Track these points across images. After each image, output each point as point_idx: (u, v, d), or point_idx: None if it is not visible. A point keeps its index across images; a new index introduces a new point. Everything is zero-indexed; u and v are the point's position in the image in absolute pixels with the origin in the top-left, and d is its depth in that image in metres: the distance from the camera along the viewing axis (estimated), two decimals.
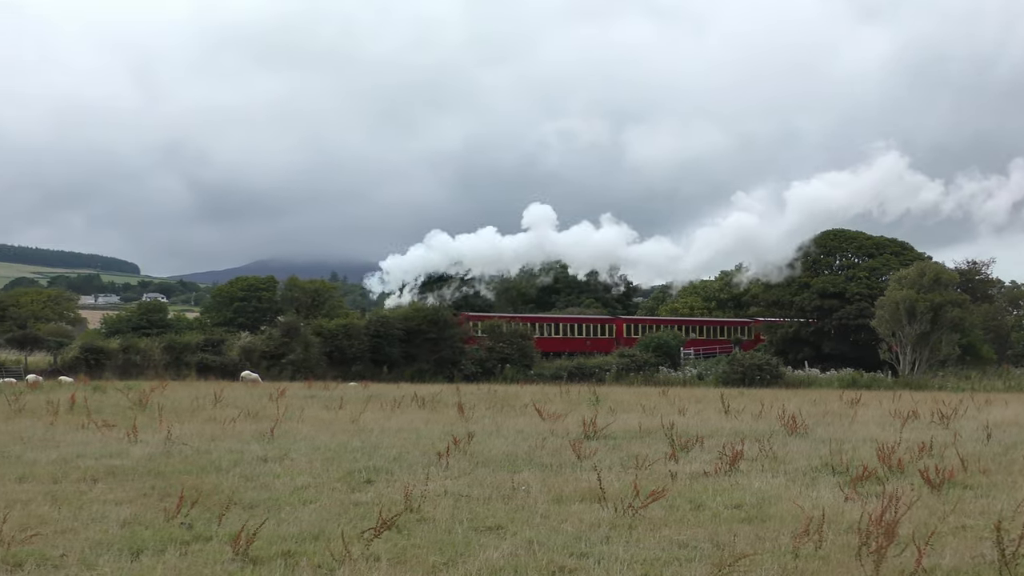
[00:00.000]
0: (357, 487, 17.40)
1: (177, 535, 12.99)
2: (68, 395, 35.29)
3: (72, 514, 14.39)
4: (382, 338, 79.66)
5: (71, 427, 26.56)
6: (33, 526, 13.22)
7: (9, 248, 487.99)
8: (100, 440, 23.53)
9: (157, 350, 72.56)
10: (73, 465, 19.27)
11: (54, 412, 30.24)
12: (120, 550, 12.22)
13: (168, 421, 27.43)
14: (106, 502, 15.43)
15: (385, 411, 33.93)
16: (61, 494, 16.06)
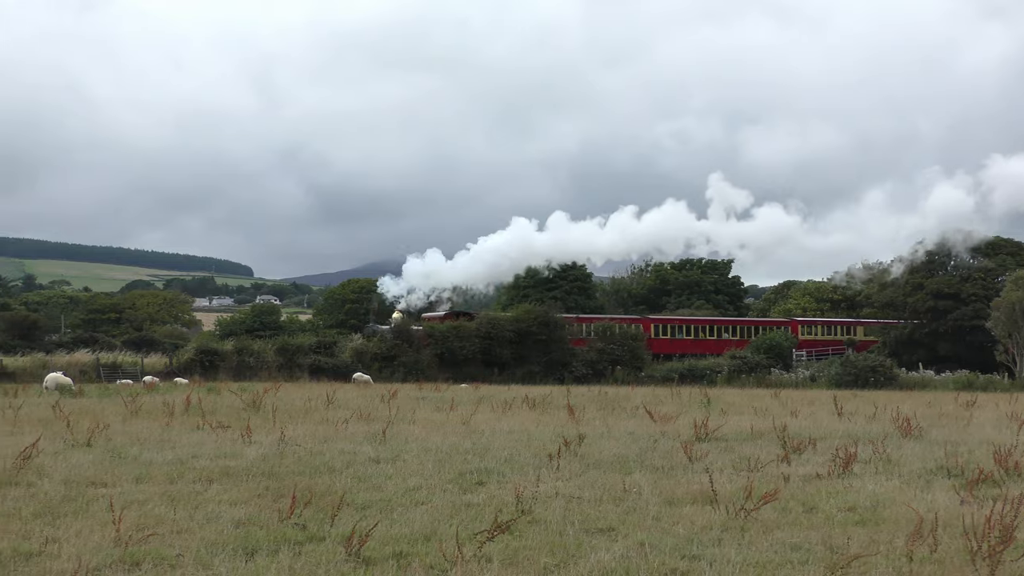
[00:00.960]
0: (469, 488, 17.45)
1: (291, 535, 13.11)
2: (183, 396, 35.77)
3: (188, 514, 14.58)
4: (493, 340, 79.73)
5: (187, 428, 26.92)
6: (150, 526, 13.42)
7: (126, 251, 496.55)
8: (215, 441, 23.82)
9: (270, 352, 73.26)
10: (189, 466, 19.53)
11: (170, 413, 30.66)
12: (235, 550, 12.36)
13: (281, 422, 27.72)
14: (221, 502, 15.61)
15: (496, 413, 33.99)
16: (177, 494, 16.28)
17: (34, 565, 11.62)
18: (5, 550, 12.18)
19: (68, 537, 12.87)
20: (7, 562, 11.73)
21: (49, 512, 14.65)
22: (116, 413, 31.03)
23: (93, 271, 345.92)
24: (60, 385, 45.97)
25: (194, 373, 66.55)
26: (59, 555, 11.98)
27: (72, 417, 27.20)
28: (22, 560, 11.81)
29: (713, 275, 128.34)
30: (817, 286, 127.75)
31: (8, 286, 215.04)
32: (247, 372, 69.60)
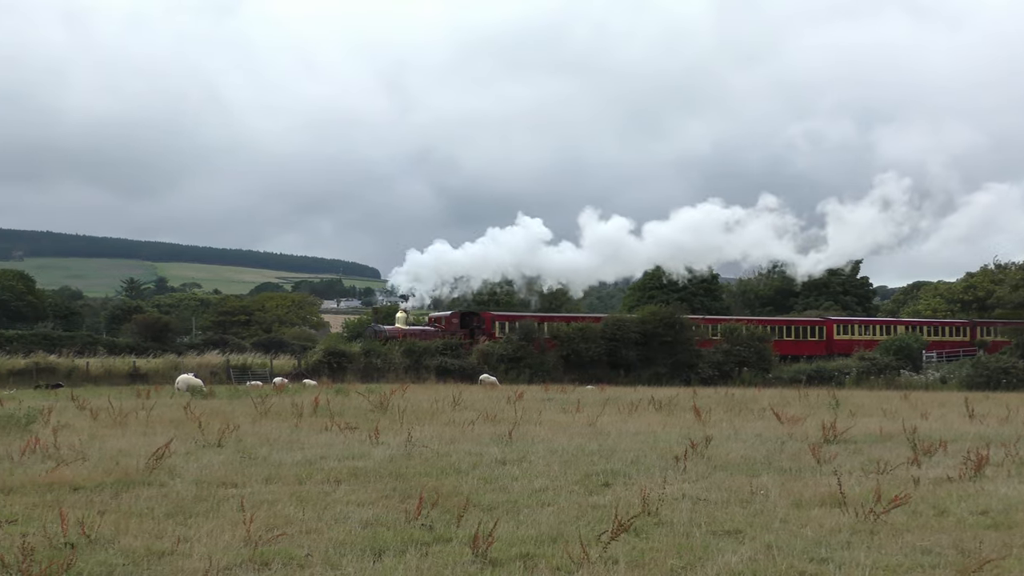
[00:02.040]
0: (594, 490, 17.41)
1: (418, 536, 13.18)
2: (312, 398, 36.10)
3: (316, 515, 14.71)
4: (618, 341, 79.49)
5: (315, 429, 27.17)
6: (279, 526, 13.57)
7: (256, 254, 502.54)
8: (343, 442, 24.02)
9: (397, 354, 73.77)
10: (317, 467, 19.71)
11: (299, 414, 30.98)
12: (363, 550, 12.45)
13: (408, 424, 27.89)
14: (349, 503, 15.74)
15: (622, 414, 33.89)
16: (306, 495, 16.44)
17: (166, 564, 11.80)
18: (139, 549, 12.38)
19: (199, 536, 13.06)
20: (140, 561, 11.93)
21: (181, 512, 14.87)
22: (246, 414, 31.42)
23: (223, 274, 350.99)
24: (191, 386, 46.65)
25: (322, 374, 67.23)
26: (191, 554, 12.16)
27: (203, 418, 27.59)
28: (155, 559, 12.01)
29: (840, 275, 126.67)
30: (948, 287, 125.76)
31: (141, 289, 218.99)
32: (374, 374, 70.12)
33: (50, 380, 61.16)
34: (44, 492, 16.48)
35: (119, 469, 18.86)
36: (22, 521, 13.99)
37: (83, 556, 11.88)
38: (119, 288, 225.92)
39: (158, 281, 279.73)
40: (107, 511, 14.69)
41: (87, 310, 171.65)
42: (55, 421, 28.16)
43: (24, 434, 24.52)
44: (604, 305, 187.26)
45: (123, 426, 27.69)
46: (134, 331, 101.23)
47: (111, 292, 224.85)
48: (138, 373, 65.98)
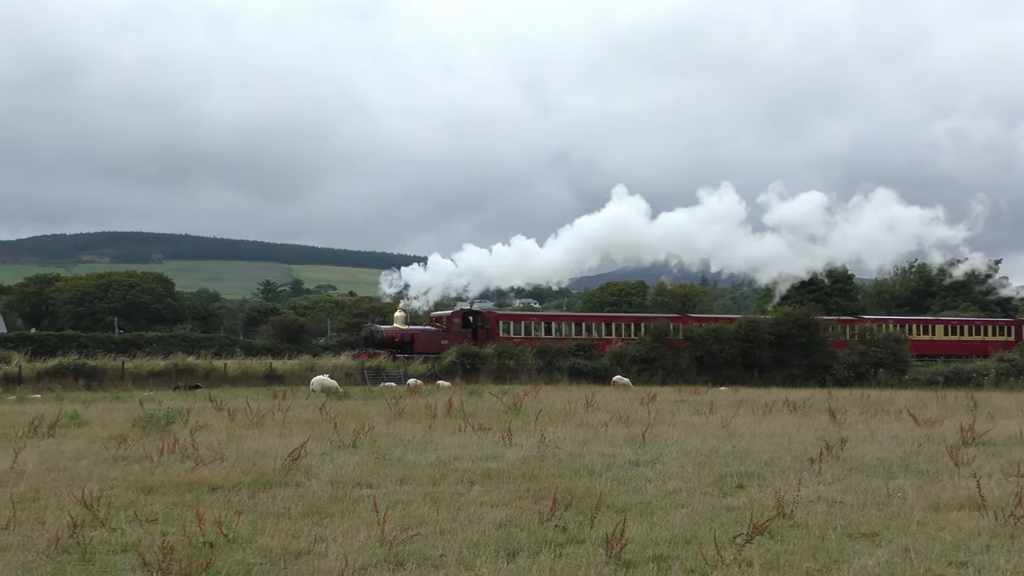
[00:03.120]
0: (728, 492, 17.29)
1: (551, 537, 13.19)
2: (446, 399, 36.28)
3: (450, 515, 14.79)
4: (752, 342, 78.91)
5: (448, 430, 27.31)
6: (414, 526, 13.66)
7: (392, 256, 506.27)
8: (476, 443, 24.10)
9: (530, 355, 73.91)
10: (451, 467, 19.81)
11: (432, 416, 31.15)
12: (496, 551, 12.50)
13: (541, 425, 27.91)
14: (482, 504, 15.80)
15: (756, 416, 33.60)
16: (440, 495, 16.53)
17: (303, 563, 11.94)
18: (276, 548, 12.55)
19: (335, 536, 13.19)
20: (277, 560, 12.09)
21: (317, 512, 15.04)
22: (380, 415, 31.65)
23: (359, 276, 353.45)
24: (326, 387, 47.12)
25: (456, 376, 67.54)
26: (326, 554, 12.29)
27: (338, 419, 27.90)
28: (291, 558, 12.16)
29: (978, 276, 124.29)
30: None
31: (277, 291, 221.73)
32: (507, 375, 70.30)
33: (189, 381, 62.23)
34: (183, 492, 16.77)
35: (256, 469, 19.12)
36: (162, 520, 14.26)
37: (221, 555, 12.07)
38: (255, 290, 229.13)
39: (294, 283, 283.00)
40: (244, 511, 14.90)
41: (224, 312, 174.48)
42: (194, 422, 28.62)
43: (164, 435, 24.97)
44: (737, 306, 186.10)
45: (260, 427, 28.07)
46: (270, 333, 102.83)
47: (247, 294, 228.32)
48: (274, 374, 66.81)
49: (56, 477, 18.41)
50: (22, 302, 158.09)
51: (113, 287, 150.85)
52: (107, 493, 16.26)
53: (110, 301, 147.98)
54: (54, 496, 16.31)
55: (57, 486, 17.31)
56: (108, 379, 62.24)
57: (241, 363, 69.18)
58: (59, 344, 75.32)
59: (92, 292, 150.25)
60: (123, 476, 18.59)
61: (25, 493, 16.62)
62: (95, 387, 59.79)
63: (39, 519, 14.34)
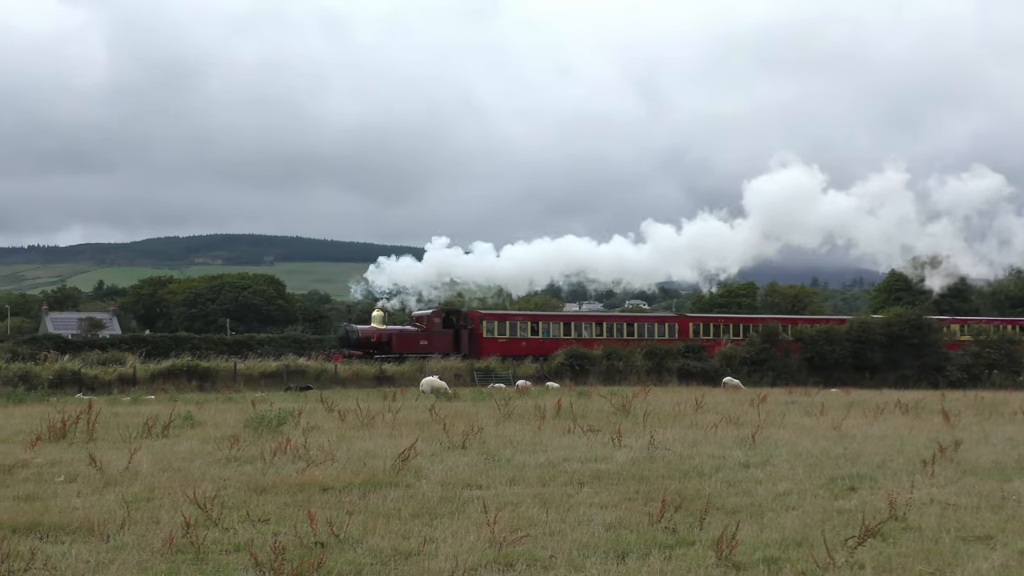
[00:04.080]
0: (840, 494, 17.13)
1: (661, 539, 13.15)
2: (554, 400, 36.26)
3: (559, 516, 14.79)
4: (863, 343, 78.12)
5: (557, 431, 27.30)
6: (523, 528, 13.68)
7: None
8: (585, 444, 24.07)
9: (639, 356, 73.77)
10: (560, 469, 19.79)
11: (541, 417, 31.13)
12: (606, 552, 12.48)
13: (650, 426, 27.82)
14: (592, 505, 15.78)
15: (867, 417, 33.22)
16: (549, 497, 16.53)
17: (413, 564, 12.00)
18: (386, 549, 12.62)
19: (445, 537, 13.24)
20: (388, 560, 12.16)
21: (427, 512, 15.11)
22: (490, 416, 31.70)
23: None
24: (436, 389, 47.34)
25: (565, 377, 67.54)
26: (436, 554, 12.34)
27: (448, 420, 28.00)
28: (402, 559, 12.22)
29: None
30: None
31: None
32: (616, 376, 70.14)
33: (300, 382, 62.76)
34: (295, 492, 16.92)
35: (367, 470, 19.25)
36: (274, 520, 14.41)
37: (333, 555, 12.17)
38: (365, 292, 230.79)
39: None
40: (355, 511, 15.01)
41: (335, 314, 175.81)
42: (305, 423, 28.85)
43: (276, 435, 25.20)
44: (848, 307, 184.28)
45: (370, 428, 28.23)
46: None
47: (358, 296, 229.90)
48: (384, 376, 67.18)
49: (170, 477, 18.67)
50: (136, 304, 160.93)
51: (225, 289, 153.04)
52: (220, 493, 16.43)
53: (222, 303, 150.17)
54: (168, 496, 16.54)
55: (171, 486, 17.54)
56: (220, 380, 62.98)
57: (351, 365, 69.63)
58: (172, 345, 76.55)
59: (205, 294, 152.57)
60: (236, 476, 18.80)
61: (140, 493, 16.87)
62: (208, 388, 60.58)
63: (154, 519, 14.55)
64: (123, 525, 13.95)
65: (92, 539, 13.25)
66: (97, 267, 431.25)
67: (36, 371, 59.80)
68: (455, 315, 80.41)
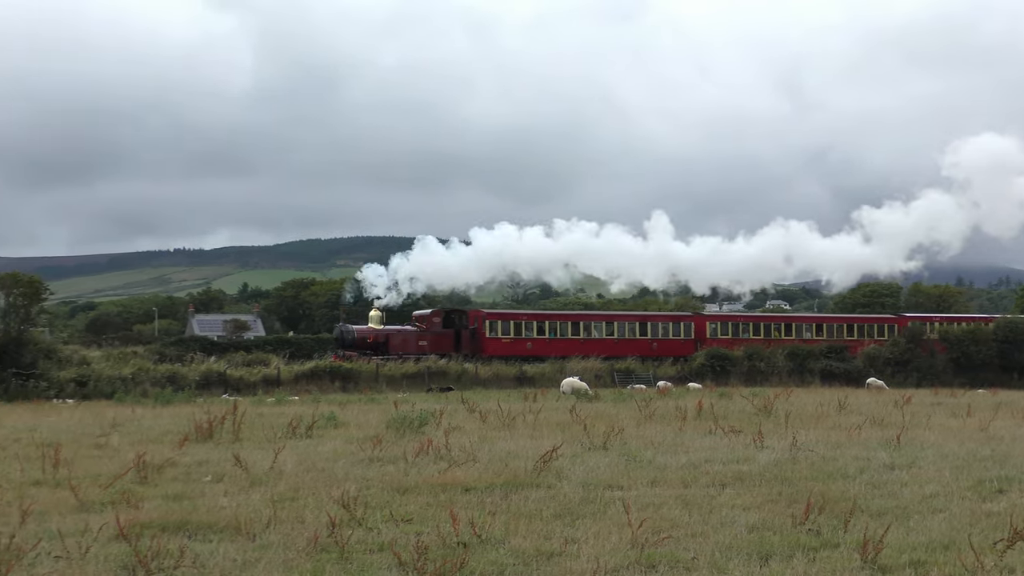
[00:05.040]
0: (988, 496, 16.81)
1: (805, 541, 13.02)
2: (695, 401, 36.08)
3: (702, 518, 14.72)
4: (1011, 344, 76.62)
5: (699, 432, 27.15)
6: (665, 529, 13.63)
7: None
8: (727, 445, 23.91)
9: (781, 357, 73.20)
10: (702, 470, 19.70)
11: (682, 418, 30.99)
12: (749, 554, 12.40)
13: (793, 427, 27.55)
14: (734, 507, 15.68)
15: (1016, 419, 32.58)
16: (691, 498, 16.46)
17: (555, 565, 12.03)
18: (528, 549, 12.66)
19: (586, 538, 13.25)
20: (530, 561, 12.20)
21: (568, 513, 15.12)
22: (630, 417, 31.60)
23: None
24: (576, 389, 47.39)
25: (706, 378, 67.19)
26: (578, 555, 12.35)
27: (588, 421, 27.98)
28: (544, 559, 12.25)
29: None
30: None
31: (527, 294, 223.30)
32: (758, 377, 69.66)
33: (441, 383, 63.26)
34: (437, 492, 17.04)
35: (508, 471, 19.32)
36: (417, 520, 14.53)
37: (475, 555, 12.23)
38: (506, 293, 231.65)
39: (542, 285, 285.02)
40: (497, 512, 15.07)
41: None
42: (447, 423, 29.01)
43: (417, 436, 25.40)
44: (995, 307, 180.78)
45: (511, 428, 28.32)
46: None
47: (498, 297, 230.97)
48: (524, 376, 67.42)
49: (314, 477, 18.91)
50: (280, 306, 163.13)
51: None
52: (363, 493, 16.61)
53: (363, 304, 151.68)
54: (312, 496, 16.76)
55: (315, 486, 17.77)
56: (363, 381, 63.68)
57: (492, 366, 69.96)
58: (315, 347, 77.48)
59: None
60: (378, 476, 18.99)
61: (284, 493, 17.11)
62: (350, 389, 61.29)
63: (298, 518, 14.75)
64: (269, 524, 14.17)
65: (239, 538, 13.49)
66: (241, 269, 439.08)
67: (183, 372, 61.15)
68: (456, 314, 78.64)
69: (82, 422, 32.86)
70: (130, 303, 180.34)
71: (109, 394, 53.15)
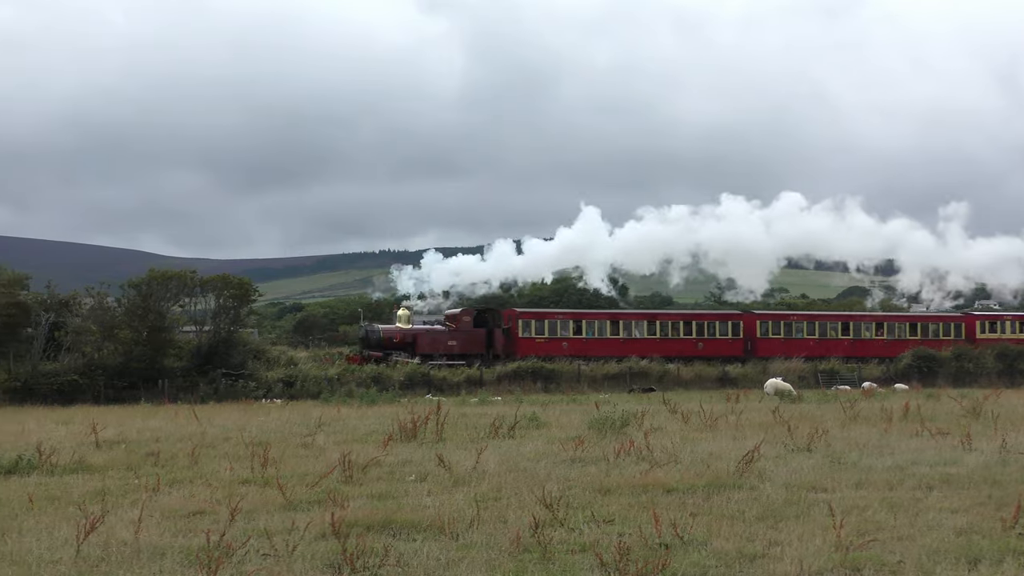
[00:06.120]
0: None
1: (1015, 546, 12.74)
2: (901, 403, 35.45)
3: (908, 521, 14.49)
4: None
5: (904, 434, 26.68)
6: (870, 532, 13.47)
7: None
8: (934, 448, 23.44)
9: (990, 358, 71.56)
10: (908, 472, 19.37)
11: (888, 419, 30.49)
12: (956, 559, 12.18)
13: (1003, 429, 26.90)
14: (941, 510, 15.40)
15: None
16: (896, 501, 16.21)
17: (758, 567, 11.97)
18: (730, 551, 12.62)
19: (790, 540, 13.15)
20: (732, 562, 12.15)
21: (771, 515, 15.02)
22: (834, 418, 31.22)
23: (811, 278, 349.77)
24: (780, 391, 47.01)
25: (912, 379, 65.96)
26: (782, 558, 12.27)
27: (791, 422, 27.70)
28: (746, 561, 12.20)
29: None
30: None
31: None
32: (966, 378, 68.15)
33: (642, 384, 63.28)
34: (639, 493, 17.06)
35: (710, 472, 19.25)
36: (619, 521, 14.58)
37: (677, 557, 12.23)
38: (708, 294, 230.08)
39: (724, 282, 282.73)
40: (699, 513, 15.05)
41: None
42: (648, 424, 29.00)
43: (619, 436, 25.45)
44: None
45: (713, 430, 28.19)
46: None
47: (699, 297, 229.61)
48: (727, 377, 67.07)
49: (516, 477, 19.07)
50: None
51: (569, 291, 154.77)
52: (565, 493, 16.70)
53: (566, 304, 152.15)
54: (515, 496, 16.91)
55: (517, 486, 17.93)
56: (564, 382, 63.94)
57: (693, 367, 69.69)
58: None
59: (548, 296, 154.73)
60: (580, 477, 19.08)
61: (487, 493, 17.30)
62: (552, 390, 61.61)
63: (501, 518, 14.90)
64: (472, 524, 14.34)
65: (442, 537, 13.68)
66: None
67: (388, 373, 62.09)
68: (489, 313, 75.03)
69: (289, 422, 33.66)
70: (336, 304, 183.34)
71: (315, 394, 54.37)
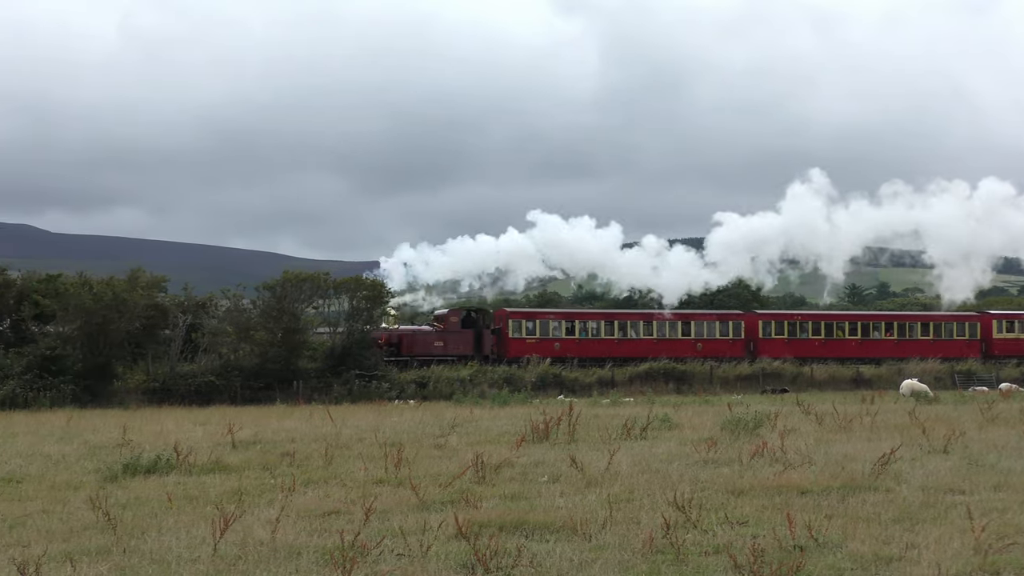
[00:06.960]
0: None
1: None
2: None
3: None
4: None
5: None
6: (1010, 535, 13.21)
7: None
8: None
9: None
10: None
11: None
12: None
13: None
14: None
15: None
16: None
17: (894, 570, 11.82)
18: (866, 554, 12.47)
19: (927, 543, 12.95)
20: (868, 565, 12.01)
21: (908, 518, 14.82)
22: (972, 420, 30.74)
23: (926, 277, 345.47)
24: (916, 392, 46.49)
25: None
26: (919, 561, 12.10)
27: (928, 423, 27.31)
28: (882, 564, 12.05)
29: None
30: None
31: (863, 294, 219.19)
32: None
33: (775, 385, 62.97)
34: (772, 495, 16.93)
35: (845, 474, 19.04)
36: (752, 523, 14.48)
37: (812, 559, 12.11)
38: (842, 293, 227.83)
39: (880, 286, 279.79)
40: (834, 515, 14.90)
41: None
42: (782, 425, 28.76)
43: (752, 438, 25.30)
44: None
45: (848, 431, 27.88)
46: None
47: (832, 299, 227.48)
48: (861, 379, 66.50)
49: (648, 478, 19.02)
50: None
51: None
52: (698, 495, 16.63)
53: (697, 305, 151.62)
54: (647, 497, 16.87)
55: (650, 487, 17.89)
56: (696, 383, 63.77)
57: (827, 368, 69.17)
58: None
59: None
60: (713, 478, 18.98)
61: (620, 494, 17.27)
62: (684, 391, 61.52)
63: (634, 519, 14.87)
64: (604, 525, 14.34)
65: (575, 538, 13.68)
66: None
67: (519, 374, 62.36)
68: (477, 313, 73.14)
69: (422, 422, 33.88)
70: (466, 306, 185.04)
71: (448, 395, 54.80)
